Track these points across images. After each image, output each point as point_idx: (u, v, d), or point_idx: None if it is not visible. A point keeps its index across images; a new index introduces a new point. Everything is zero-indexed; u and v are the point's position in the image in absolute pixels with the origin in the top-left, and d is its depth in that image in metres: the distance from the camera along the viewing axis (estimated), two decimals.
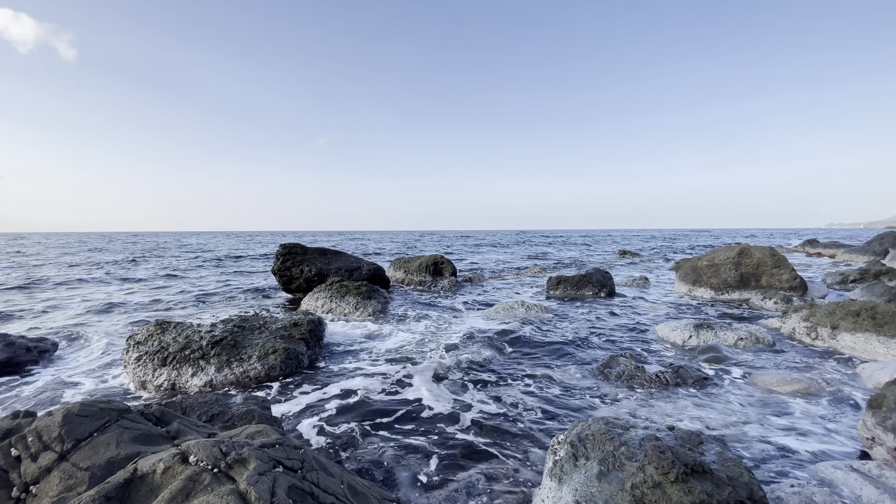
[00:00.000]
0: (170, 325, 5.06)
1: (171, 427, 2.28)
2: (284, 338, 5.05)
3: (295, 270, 10.79)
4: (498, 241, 50.09)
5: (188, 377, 4.39)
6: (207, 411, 3.33)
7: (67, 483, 1.80)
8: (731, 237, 51.51)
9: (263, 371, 4.51)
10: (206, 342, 4.67)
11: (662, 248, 31.55)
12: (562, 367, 5.02)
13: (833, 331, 5.70)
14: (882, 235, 19.42)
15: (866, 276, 10.38)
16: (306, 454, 2.00)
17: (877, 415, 2.91)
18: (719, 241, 40.64)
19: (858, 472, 2.67)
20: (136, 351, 4.65)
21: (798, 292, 9.05)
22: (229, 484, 1.61)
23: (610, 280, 10.56)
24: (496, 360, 5.28)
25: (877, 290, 8.26)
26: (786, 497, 2.44)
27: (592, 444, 2.27)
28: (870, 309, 5.60)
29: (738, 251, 9.94)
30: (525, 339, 6.25)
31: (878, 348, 5.18)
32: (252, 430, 2.13)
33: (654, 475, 1.92)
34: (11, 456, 1.88)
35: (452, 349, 5.81)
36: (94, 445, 1.95)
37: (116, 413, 2.17)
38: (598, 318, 7.77)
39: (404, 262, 13.10)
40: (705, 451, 2.19)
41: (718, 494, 1.85)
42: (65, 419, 2.00)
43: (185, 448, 1.80)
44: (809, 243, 26.05)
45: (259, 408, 3.49)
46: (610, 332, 6.67)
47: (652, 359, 5.27)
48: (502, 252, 29.48)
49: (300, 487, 1.72)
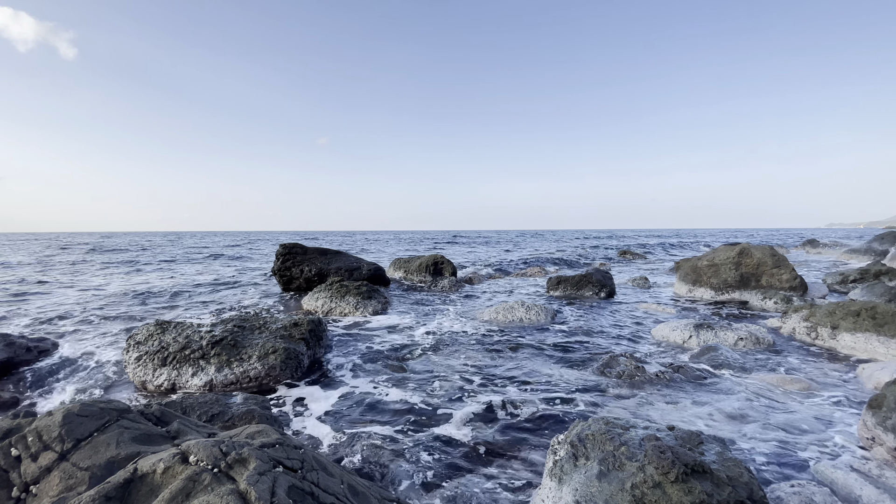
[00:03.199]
0: (170, 325, 5.06)
1: (171, 427, 2.28)
2: (284, 338, 5.05)
3: (295, 270, 10.79)
4: (498, 240, 50.07)
5: (188, 377, 4.40)
6: (207, 411, 3.34)
7: (67, 483, 1.80)
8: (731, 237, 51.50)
9: (263, 371, 4.51)
10: (206, 342, 4.67)
11: (662, 248, 31.54)
12: (561, 367, 5.02)
13: (833, 331, 5.71)
14: (882, 235, 19.43)
15: (866, 276, 10.38)
16: (306, 454, 2.00)
17: (877, 415, 2.91)
18: (719, 240, 40.63)
19: (858, 472, 2.67)
20: (136, 351, 4.65)
21: (798, 292, 9.04)
22: (229, 484, 1.61)
23: (610, 280, 10.56)
24: (495, 360, 5.28)
25: (877, 290, 8.26)
26: (786, 497, 2.44)
27: (592, 444, 2.27)
28: (870, 309, 5.61)
29: (738, 251, 9.94)
30: (524, 338, 6.25)
31: (878, 348, 5.18)
32: (252, 430, 2.13)
33: (654, 475, 1.93)
34: (11, 456, 1.89)
35: (452, 349, 5.81)
36: (95, 445, 1.95)
37: (116, 413, 2.17)
38: (598, 318, 7.77)
39: (404, 262, 13.09)
40: (705, 450, 2.19)
41: (718, 494, 1.85)
42: (65, 419, 2.01)
43: (185, 448, 1.81)
44: (809, 243, 26.06)
45: (259, 407, 3.50)
46: (610, 332, 6.67)
47: (652, 359, 5.27)
48: (503, 252, 29.47)
49: (300, 487, 1.72)
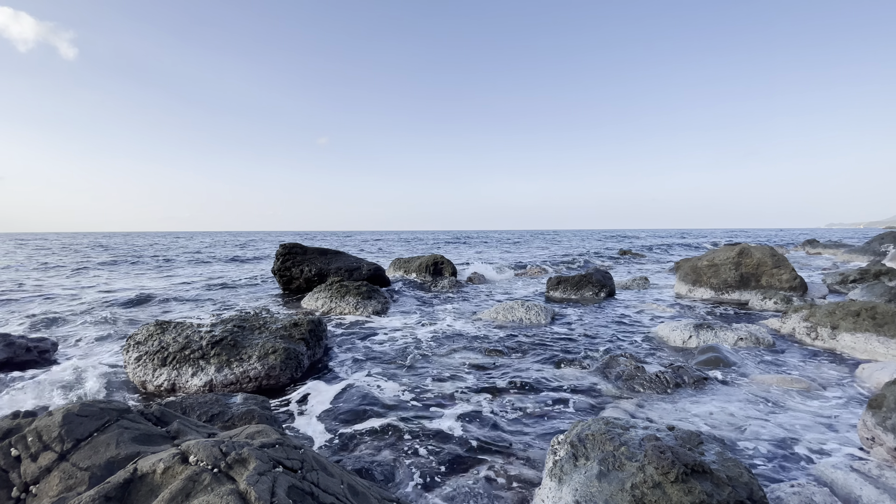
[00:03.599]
0: (170, 325, 5.06)
1: (171, 427, 2.28)
2: (284, 338, 5.05)
3: (295, 270, 10.79)
4: (498, 240, 50.09)
5: (188, 377, 4.39)
6: (207, 411, 3.34)
7: (67, 483, 1.80)
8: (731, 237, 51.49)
9: (263, 371, 4.51)
10: (206, 342, 4.67)
11: (662, 248, 31.54)
12: (561, 367, 5.02)
13: (833, 331, 5.70)
14: (882, 235, 19.43)
15: (866, 276, 10.38)
16: (306, 454, 2.00)
17: (877, 415, 2.91)
18: (719, 241, 40.63)
19: (858, 472, 2.67)
20: (136, 351, 4.65)
21: (798, 292, 9.04)
22: (229, 484, 1.61)
23: (610, 280, 10.56)
24: (495, 360, 5.28)
25: (877, 290, 8.26)
26: (786, 497, 2.44)
27: (592, 444, 2.27)
28: (870, 309, 5.60)
29: (738, 251, 9.94)
30: (524, 338, 6.25)
31: (878, 348, 5.18)
32: (252, 430, 2.13)
33: (654, 475, 1.93)
34: (11, 456, 1.88)
35: (452, 349, 5.81)
36: (94, 445, 1.95)
37: (116, 413, 2.17)
38: (598, 318, 7.77)
39: (404, 262, 13.09)
40: (705, 451, 2.19)
41: (718, 494, 1.85)
42: (65, 419, 2.00)
43: (185, 448, 1.81)
44: (809, 243, 26.06)
45: (259, 408, 3.49)
46: (610, 333, 6.67)
47: (652, 359, 5.27)
48: (503, 252, 29.49)
49: (300, 487, 1.72)
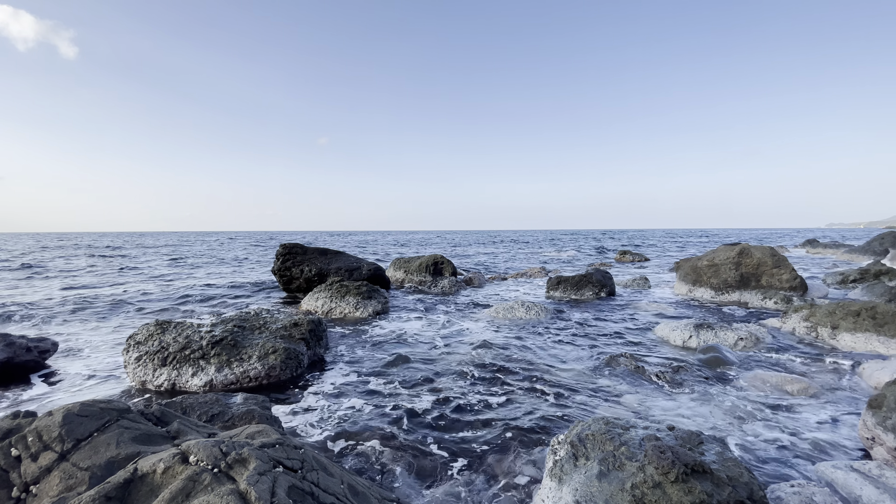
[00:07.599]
0: (170, 325, 5.06)
1: (172, 427, 2.28)
2: (284, 338, 5.05)
3: (295, 270, 10.79)
4: (498, 240, 50.08)
5: (188, 377, 4.40)
6: (207, 411, 3.33)
7: (68, 483, 1.80)
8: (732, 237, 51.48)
9: (263, 371, 4.51)
10: (206, 342, 4.67)
11: (662, 248, 31.53)
12: (561, 367, 5.02)
13: (833, 331, 5.71)
14: (882, 235, 19.42)
15: (866, 276, 10.38)
16: (306, 454, 2.00)
17: (877, 415, 2.91)
18: (720, 241, 40.62)
19: (858, 472, 2.67)
20: (137, 351, 4.65)
21: (798, 292, 9.04)
22: (229, 484, 1.61)
23: (610, 280, 10.56)
24: (495, 360, 5.28)
25: (877, 290, 8.26)
26: (786, 497, 2.44)
27: (592, 444, 2.27)
28: (870, 309, 5.61)
29: (738, 251, 9.93)
30: (524, 339, 6.25)
31: (879, 348, 5.19)
32: (252, 430, 2.13)
33: (654, 475, 1.92)
34: (12, 456, 1.89)
35: (451, 349, 5.81)
36: (95, 445, 1.95)
37: (116, 413, 2.17)
38: (599, 318, 7.77)
39: (404, 262, 13.09)
40: (705, 451, 2.19)
41: (718, 494, 1.85)
42: (65, 419, 2.00)
43: (185, 448, 1.81)
44: (809, 243, 26.07)
45: (259, 408, 3.49)
46: (610, 333, 6.67)
47: (652, 359, 5.27)
48: (503, 252, 29.49)
49: (300, 487, 1.72)
